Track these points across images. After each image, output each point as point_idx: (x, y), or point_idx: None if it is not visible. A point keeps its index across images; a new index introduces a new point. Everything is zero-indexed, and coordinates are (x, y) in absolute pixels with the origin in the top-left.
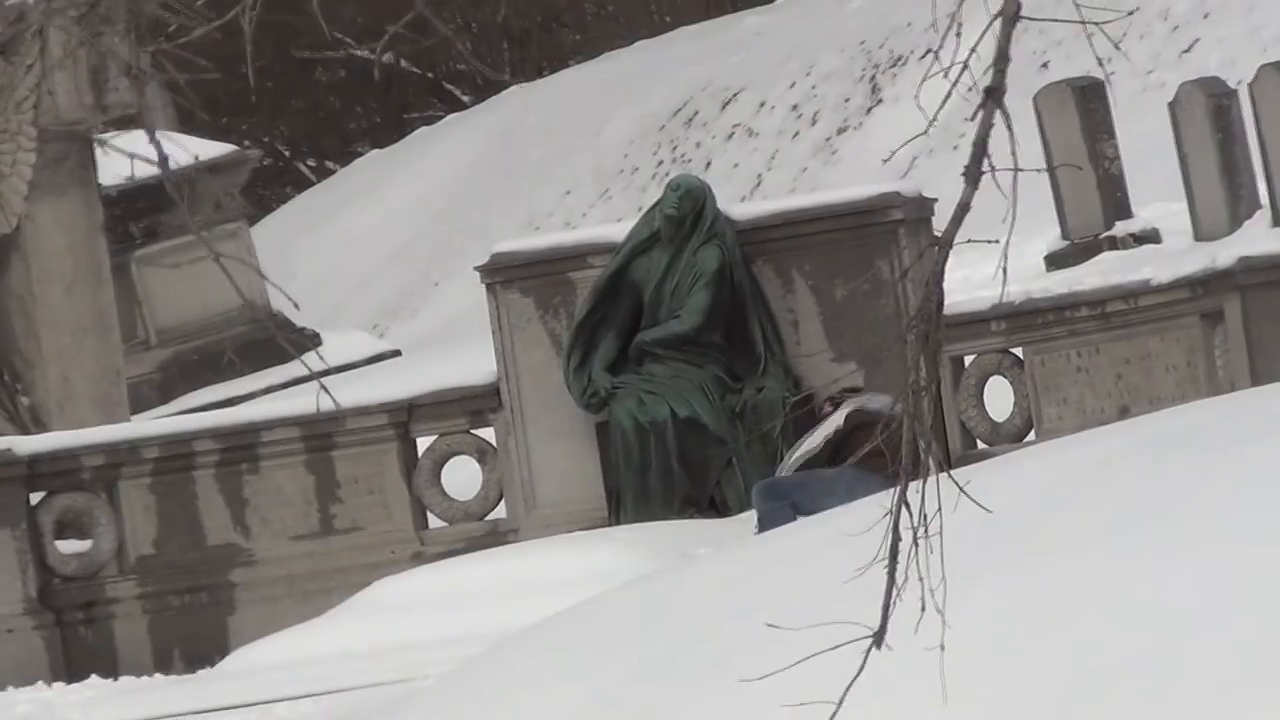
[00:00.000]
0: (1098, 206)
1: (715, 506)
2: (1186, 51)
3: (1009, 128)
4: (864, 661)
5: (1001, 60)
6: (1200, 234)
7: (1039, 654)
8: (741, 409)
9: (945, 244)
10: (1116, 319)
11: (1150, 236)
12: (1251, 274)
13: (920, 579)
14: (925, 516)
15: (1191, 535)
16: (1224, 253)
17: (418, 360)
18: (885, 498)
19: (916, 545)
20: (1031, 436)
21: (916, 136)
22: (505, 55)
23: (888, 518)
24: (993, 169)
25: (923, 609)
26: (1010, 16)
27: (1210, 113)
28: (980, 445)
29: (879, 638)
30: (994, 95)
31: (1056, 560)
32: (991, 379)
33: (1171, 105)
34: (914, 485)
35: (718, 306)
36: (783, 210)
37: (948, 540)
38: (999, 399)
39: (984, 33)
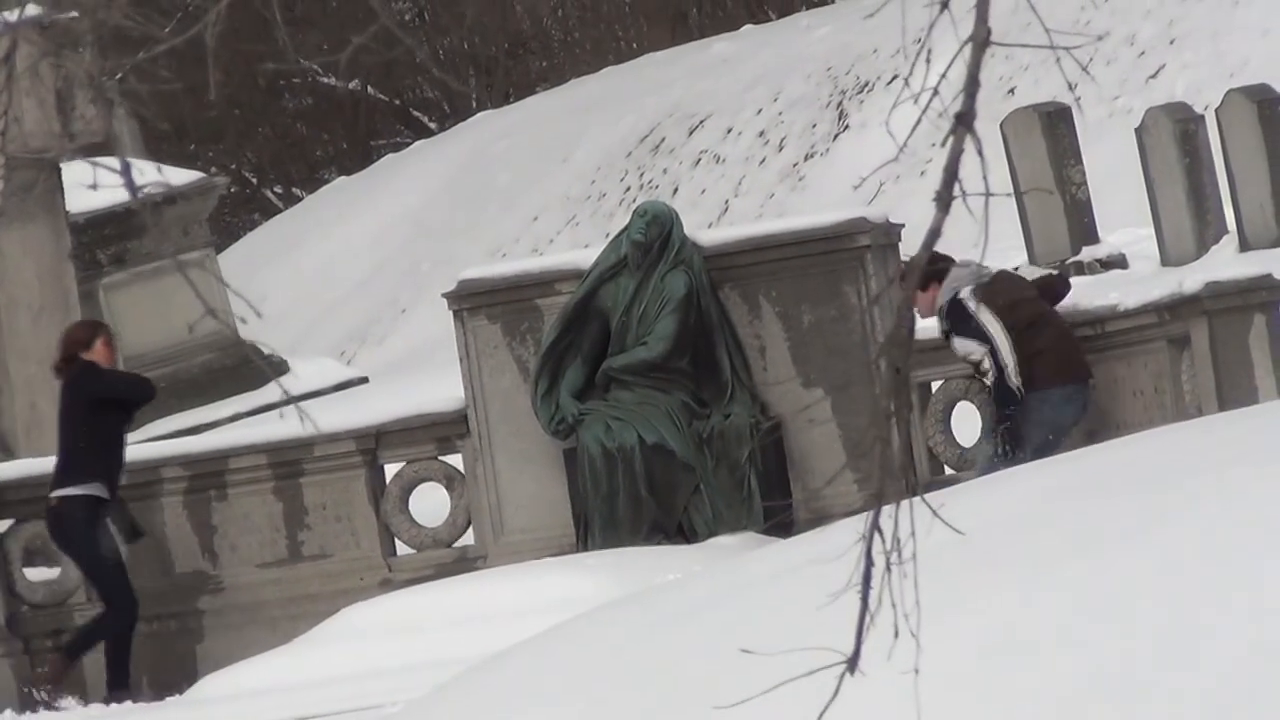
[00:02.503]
0: (1064, 232)
1: (683, 532)
2: (1153, 77)
3: (980, 153)
4: (838, 687)
5: (972, 85)
6: (1167, 259)
7: (1014, 676)
8: (709, 435)
9: (915, 269)
10: (1083, 344)
11: (1117, 262)
12: (1218, 299)
13: (894, 604)
14: (899, 542)
15: (1165, 555)
16: (1191, 278)
17: (385, 387)
18: (858, 522)
19: (890, 571)
20: None
21: (888, 163)
22: (472, 82)
23: (860, 543)
24: (964, 194)
25: (896, 634)
26: (980, 42)
27: (1177, 138)
28: (948, 471)
29: (853, 664)
30: (964, 121)
31: (1030, 583)
32: (959, 404)
33: (1138, 131)
34: (886, 510)
35: (685, 332)
36: (750, 236)
37: (920, 564)
38: (966, 424)
39: (954, 58)
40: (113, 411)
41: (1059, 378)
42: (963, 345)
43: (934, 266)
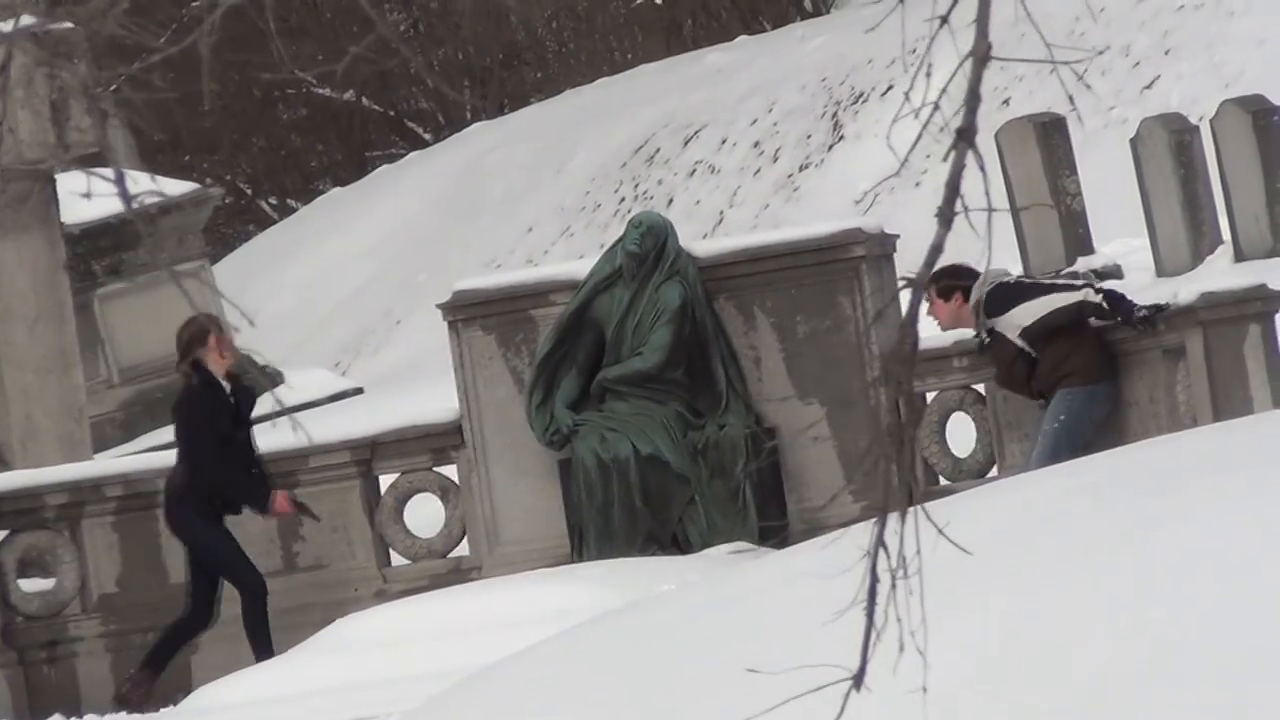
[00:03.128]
0: (1060, 243)
1: (678, 543)
2: (1148, 88)
3: (981, 168)
4: (844, 704)
5: (973, 101)
6: (1162, 269)
7: (1015, 685)
8: (704, 446)
9: (918, 286)
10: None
11: (1112, 272)
12: (1213, 309)
13: (899, 619)
14: (904, 559)
15: (1165, 561)
16: (1186, 288)
17: (380, 398)
18: (857, 533)
19: (895, 586)
20: (994, 473)
21: (888, 178)
22: (466, 93)
23: (865, 559)
24: (965, 210)
25: (901, 648)
26: (981, 57)
27: (1172, 149)
28: (943, 481)
29: (858, 680)
30: (965, 136)
31: (1030, 590)
32: (954, 415)
33: (1133, 141)
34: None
35: (680, 344)
36: (745, 247)
37: (924, 577)
38: (961, 435)
39: (954, 72)
40: (224, 416)
41: (1101, 372)
42: (1029, 309)
43: (958, 280)
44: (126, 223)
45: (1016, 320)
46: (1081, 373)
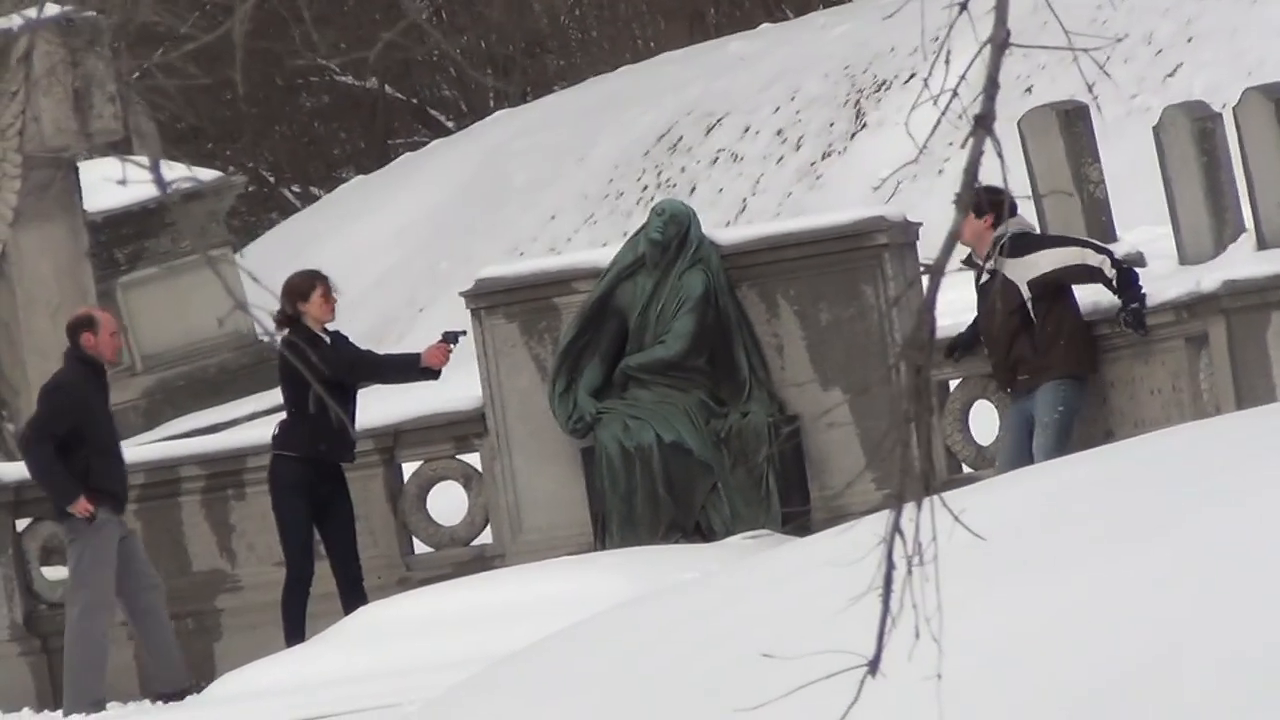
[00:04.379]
0: (1082, 230)
1: (701, 531)
2: (1170, 75)
3: (1000, 155)
4: (859, 691)
5: (991, 88)
6: (1185, 258)
7: (1036, 674)
8: (726, 434)
9: (937, 272)
10: (1101, 343)
11: (1134, 260)
12: (1236, 297)
13: (914, 606)
14: (920, 546)
15: (1188, 550)
16: (1209, 276)
17: (403, 386)
18: (877, 521)
19: (911, 574)
20: None
21: (907, 164)
22: (489, 80)
23: (881, 546)
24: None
25: (917, 635)
26: (1000, 44)
27: (1194, 136)
28: (966, 469)
29: (874, 667)
30: (983, 123)
31: (1052, 580)
32: (976, 403)
33: (1156, 129)
34: (907, 512)
35: (703, 331)
36: (767, 235)
37: (940, 563)
38: (984, 423)
39: (973, 59)
40: (321, 382)
41: (1088, 365)
42: (1052, 255)
43: (998, 203)
44: (149, 210)
45: (1030, 265)
46: (1071, 363)
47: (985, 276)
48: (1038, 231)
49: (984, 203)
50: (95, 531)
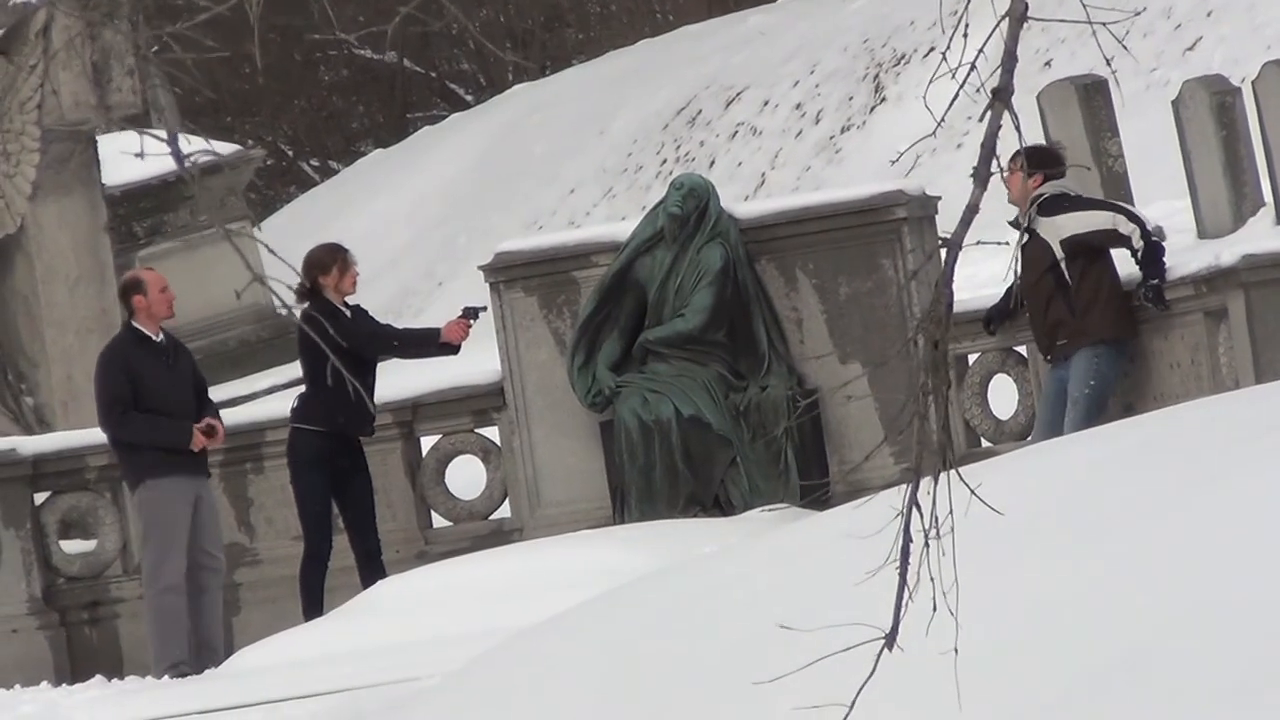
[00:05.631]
0: None
1: (720, 505)
2: (1190, 49)
3: (1017, 128)
4: (875, 664)
5: (1009, 61)
6: (1204, 232)
7: (1051, 652)
8: (745, 408)
9: (954, 246)
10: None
11: (1155, 234)
12: (1255, 271)
13: (931, 579)
14: (937, 520)
15: (1208, 525)
16: (1228, 250)
17: (421, 360)
18: (895, 495)
19: (928, 547)
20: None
21: (925, 138)
22: (508, 54)
23: (899, 519)
24: (1001, 170)
25: (934, 609)
26: (1018, 17)
27: (1213, 110)
28: (984, 443)
29: (890, 640)
30: (1001, 96)
31: (1072, 555)
32: (995, 377)
33: (1175, 103)
34: (924, 486)
35: (721, 305)
36: (786, 209)
37: (961, 537)
38: (1003, 397)
39: (991, 33)
40: (340, 355)
41: (1125, 329)
42: (1082, 218)
43: (1047, 165)
44: (168, 184)
45: (1060, 226)
46: (1108, 327)
47: (1025, 237)
48: (1075, 192)
49: (1037, 162)
50: (162, 503)
